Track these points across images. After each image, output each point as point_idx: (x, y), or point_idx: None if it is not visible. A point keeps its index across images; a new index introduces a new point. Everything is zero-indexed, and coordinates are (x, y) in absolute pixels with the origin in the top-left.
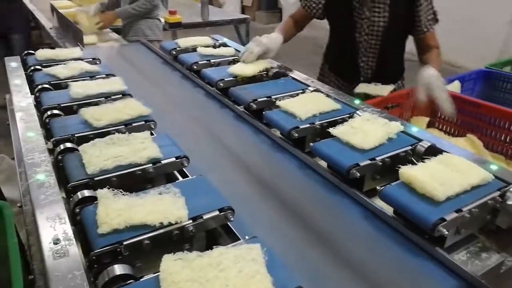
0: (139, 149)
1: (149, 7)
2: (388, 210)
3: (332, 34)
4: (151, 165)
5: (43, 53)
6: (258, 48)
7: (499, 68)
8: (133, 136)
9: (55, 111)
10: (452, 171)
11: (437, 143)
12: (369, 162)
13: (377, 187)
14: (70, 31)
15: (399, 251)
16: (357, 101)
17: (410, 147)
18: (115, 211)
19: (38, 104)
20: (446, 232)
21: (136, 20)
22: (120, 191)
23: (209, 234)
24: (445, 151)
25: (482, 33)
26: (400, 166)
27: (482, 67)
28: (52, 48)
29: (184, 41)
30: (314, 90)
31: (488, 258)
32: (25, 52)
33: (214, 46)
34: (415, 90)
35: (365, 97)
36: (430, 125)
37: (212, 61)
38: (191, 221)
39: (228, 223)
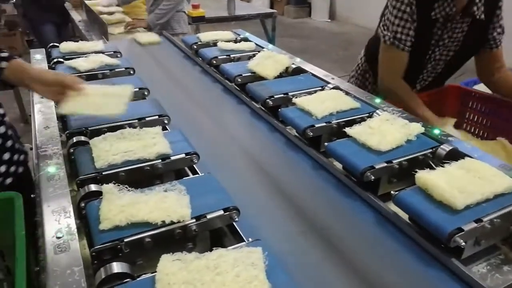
0: (150, 144)
1: (173, 2)
2: (403, 215)
3: None
4: (160, 161)
5: (66, 46)
6: None
7: None
8: (144, 131)
9: None
10: (473, 178)
11: (460, 147)
12: (385, 164)
13: (392, 192)
14: (96, 25)
15: (413, 260)
16: (377, 100)
17: (430, 150)
18: (118, 207)
19: None
20: (463, 243)
21: None
22: (126, 187)
23: (214, 234)
24: (468, 156)
25: None
26: (417, 170)
27: None
28: (79, 40)
29: (206, 36)
30: (333, 88)
31: (511, 272)
32: (51, 44)
33: (236, 41)
34: (443, 89)
35: None
36: (457, 126)
37: (232, 56)
38: (194, 220)
39: (234, 223)
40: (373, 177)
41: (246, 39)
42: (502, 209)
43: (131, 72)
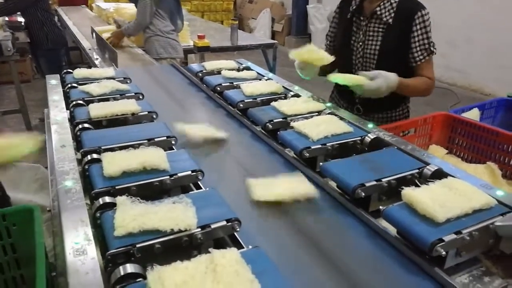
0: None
1: (135, 24)
2: (392, 230)
3: (337, 55)
4: (168, 177)
5: (79, 72)
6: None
7: None
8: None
9: (86, 125)
10: (454, 195)
11: (445, 168)
12: (374, 183)
13: (381, 207)
14: (106, 52)
15: (401, 271)
16: (370, 125)
17: (417, 170)
18: (131, 216)
19: (72, 118)
20: (444, 253)
21: (149, 39)
22: (138, 199)
23: (217, 243)
24: (451, 175)
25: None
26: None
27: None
28: (90, 67)
29: (210, 64)
30: (329, 113)
31: (491, 283)
32: (65, 71)
33: (238, 70)
34: (433, 116)
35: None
36: (449, 152)
37: (235, 83)
38: (199, 229)
39: (235, 233)
40: (363, 194)
41: (248, 68)
42: (480, 223)
43: (140, 97)
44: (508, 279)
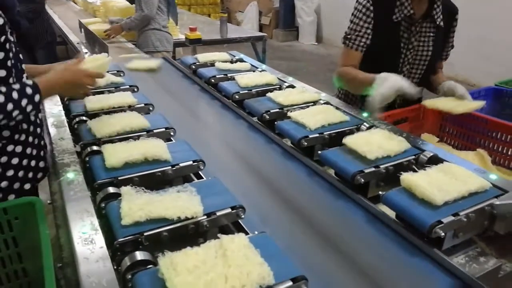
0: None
1: (139, 18)
2: (391, 214)
3: (372, 63)
4: (170, 167)
5: None
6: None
7: (510, 86)
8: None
9: (83, 118)
10: (451, 179)
11: (440, 154)
12: (373, 169)
13: (380, 193)
14: (96, 46)
15: (400, 253)
16: (365, 114)
17: (413, 157)
18: (137, 205)
19: (67, 111)
20: (443, 234)
21: (146, 33)
22: (142, 189)
23: (222, 231)
24: (447, 161)
25: (496, 52)
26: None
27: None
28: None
29: (203, 57)
30: (324, 103)
31: (486, 262)
32: None
33: (231, 62)
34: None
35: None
36: (439, 139)
37: (229, 75)
38: (205, 216)
39: (239, 220)
40: (362, 180)
41: (241, 60)
42: (476, 205)
43: (135, 89)
44: (502, 259)
